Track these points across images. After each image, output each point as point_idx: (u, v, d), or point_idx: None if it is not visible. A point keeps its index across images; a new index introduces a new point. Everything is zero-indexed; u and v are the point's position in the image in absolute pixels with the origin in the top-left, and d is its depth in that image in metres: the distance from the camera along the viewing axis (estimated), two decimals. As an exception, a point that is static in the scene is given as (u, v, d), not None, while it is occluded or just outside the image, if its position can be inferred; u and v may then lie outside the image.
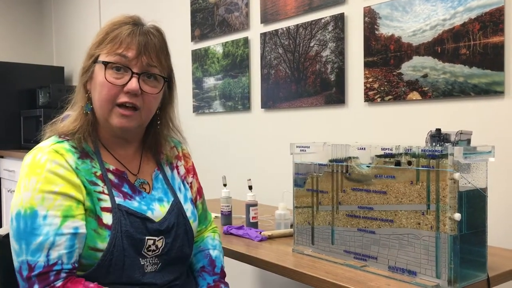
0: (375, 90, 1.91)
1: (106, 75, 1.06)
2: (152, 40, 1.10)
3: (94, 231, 1.02)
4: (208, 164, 2.76)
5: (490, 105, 1.60)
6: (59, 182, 1.00)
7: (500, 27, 1.55)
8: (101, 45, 1.08)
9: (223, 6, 2.63)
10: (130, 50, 1.07)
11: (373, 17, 1.90)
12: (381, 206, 1.19)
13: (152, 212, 1.11)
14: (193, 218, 1.20)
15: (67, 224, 0.98)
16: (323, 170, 1.34)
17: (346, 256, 1.28)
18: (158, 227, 1.10)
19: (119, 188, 1.09)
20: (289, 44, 2.25)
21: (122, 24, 1.09)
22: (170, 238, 1.12)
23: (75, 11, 4.30)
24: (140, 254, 1.06)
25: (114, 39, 1.07)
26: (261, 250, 1.45)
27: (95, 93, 1.09)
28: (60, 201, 0.99)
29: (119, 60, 1.07)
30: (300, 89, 2.22)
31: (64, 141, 1.07)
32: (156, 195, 1.15)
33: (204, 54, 2.78)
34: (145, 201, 1.12)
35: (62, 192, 1.00)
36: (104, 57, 1.07)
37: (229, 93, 2.62)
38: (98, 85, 1.08)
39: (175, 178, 1.23)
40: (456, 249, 1.07)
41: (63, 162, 1.02)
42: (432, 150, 1.09)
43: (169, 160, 1.25)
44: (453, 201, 1.07)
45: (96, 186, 1.05)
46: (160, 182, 1.19)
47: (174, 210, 1.15)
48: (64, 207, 0.99)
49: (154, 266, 1.09)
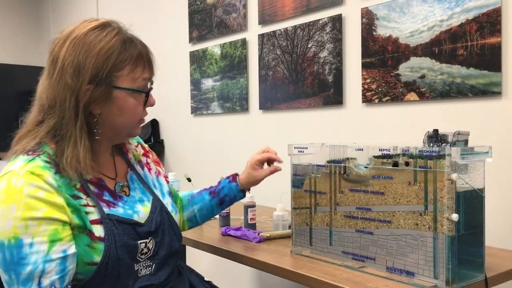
0: (373, 91, 1.91)
1: (137, 99, 1.08)
2: (149, 50, 1.12)
3: (88, 246, 0.99)
4: (206, 166, 2.76)
5: (487, 105, 1.60)
6: (40, 206, 0.94)
7: (497, 28, 1.55)
8: (116, 70, 1.03)
9: (221, 8, 2.63)
10: (149, 71, 1.10)
11: (371, 18, 1.90)
12: (379, 207, 1.19)
13: (137, 214, 1.10)
14: (174, 211, 1.21)
15: (55, 249, 0.94)
16: (321, 171, 1.34)
17: (344, 257, 1.28)
18: (148, 229, 1.09)
19: (100, 197, 1.06)
20: (287, 45, 2.26)
21: (124, 42, 1.05)
22: (159, 237, 1.11)
23: (73, 12, 4.30)
24: (135, 260, 1.05)
25: (133, 65, 1.05)
26: (259, 251, 1.45)
27: (117, 117, 1.06)
28: (45, 226, 0.94)
29: (145, 84, 1.09)
30: (298, 90, 2.22)
31: (35, 158, 0.99)
32: (136, 196, 1.14)
33: (202, 55, 2.78)
34: (128, 205, 1.10)
35: (46, 216, 0.94)
36: (130, 83, 1.05)
37: (227, 95, 2.62)
38: (126, 110, 1.06)
39: (147, 176, 1.22)
40: (454, 250, 1.07)
41: (42, 184, 0.95)
42: (429, 150, 1.09)
43: (137, 158, 1.24)
44: (450, 202, 1.07)
45: (80, 199, 1.01)
46: (135, 182, 1.17)
47: (157, 208, 1.15)
48: (50, 232, 0.94)
49: (148, 268, 1.08)
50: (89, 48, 1.01)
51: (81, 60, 1.01)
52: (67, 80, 1.00)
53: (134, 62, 1.05)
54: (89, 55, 1.01)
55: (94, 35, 1.03)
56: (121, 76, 1.04)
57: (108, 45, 1.03)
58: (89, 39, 1.02)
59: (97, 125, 1.05)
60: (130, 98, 1.06)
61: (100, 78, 1.01)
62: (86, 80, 1.00)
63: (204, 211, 1.43)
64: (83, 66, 1.00)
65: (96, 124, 1.05)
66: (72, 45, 1.02)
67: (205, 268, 2.75)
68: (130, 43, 1.06)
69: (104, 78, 1.01)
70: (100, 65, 1.01)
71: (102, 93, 1.02)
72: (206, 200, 1.42)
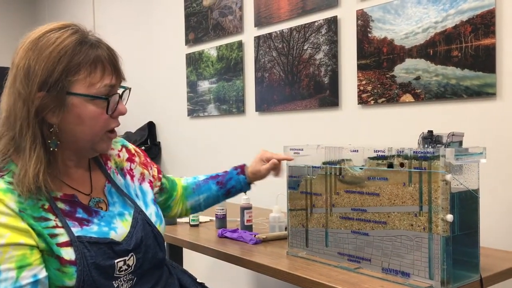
0: (368, 92, 1.91)
1: (100, 107, 0.98)
2: (115, 54, 1.02)
3: (58, 270, 0.93)
4: (203, 167, 2.76)
5: (482, 107, 1.61)
6: (4, 232, 0.88)
7: (491, 29, 1.56)
8: (70, 74, 0.94)
9: (217, 10, 2.64)
10: (112, 77, 1.00)
11: (366, 20, 1.91)
12: (374, 208, 1.20)
13: (115, 231, 1.03)
14: (159, 221, 1.14)
15: (24, 275, 0.89)
16: (316, 172, 1.34)
17: (340, 258, 1.28)
18: (126, 247, 1.02)
19: (72, 216, 0.99)
20: (283, 47, 2.26)
21: (80, 43, 0.96)
22: (141, 253, 1.05)
23: (69, 14, 4.29)
24: (112, 278, 0.99)
25: (90, 68, 0.96)
26: (255, 253, 1.45)
27: (76, 127, 0.97)
28: (11, 252, 0.88)
29: (107, 91, 0.99)
30: (294, 92, 2.23)
31: None
32: (115, 211, 1.07)
33: (199, 57, 2.78)
34: (105, 221, 1.03)
35: (10, 242, 0.89)
36: (86, 89, 0.96)
37: (224, 97, 2.63)
38: (85, 119, 0.97)
39: (129, 185, 1.15)
40: (449, 250, 1.07)
41: (3, 209, 0.90)
42: (424, 151, 1.10)
43: (119, 166, 1.16)
44: (445, 203, 1.07)
45: (47, 221, 0.94)
46: (114, 195, 1.09)
47: (139, 222, 1.08)
48: (17, 258, 0.89)
49: (129, 282, 1.03)
50: (40, 51, 0.93)
51: (31, 64, 0.93)
52: (18, 87, 0.94)
53: (91, 66, 0.96)
54: (39, 59, 0.93)
55: (47, 38, 0.95)
56: (76, 81, 0.95)
57: (59, 46, 0.94)
58: (42, 42, 0.94)
59: (54, 136, 0.96)
60: (90, 106, 0.97)
61: (52, 84, 0.93)
62: (36, 85, 0.92)
63: (210, 200, 1.44)
64: (33, 70, 0.93)
65: (53, 135, 0.96)
66: (26, 49, 0.95)
67: (201, 270, 2.75)
68: (88, 45, 0.97)
69: (55, 83, 0.93)
70: (51, 68, 0.93)
71: (54, 99, 0.94)
72: (213, 190, 1.43)
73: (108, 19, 3.65)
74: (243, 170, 1.44)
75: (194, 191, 1.43)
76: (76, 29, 0.99)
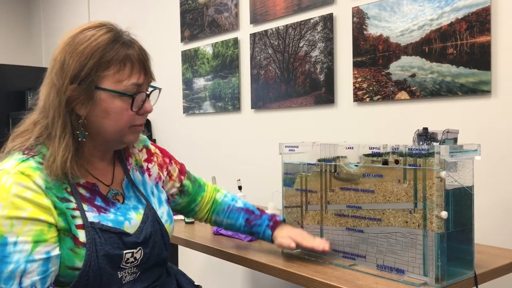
0: (364, 90, 1.91)
1: (126, 103, 1.03)
2: (146, 55, 1.08)
3: (71, 250, 0.98)
4: (198, 165, 2.75)
5: (477, 104, 1.62)
6: (26, 206, 0.94)
7: (487, 27, 1.56)
8: (100, 69, 1.00)
9: (213, 7, 2.63)
10: (140, 76, 1.05)
11: (362, 17, 1.90)
12: (369, 205, 1.20)
13: (129, 221, 1.08)
14: (169, 221, 1.19)
15: (39, 250, 0.94)
16: (311, 169, 1.34)
17: (335, 255, 1.28)
18: (135, 240, 1.07)
19: (91, 202, 1.05)
20: (279, 45, 2.26)
21: (112, 42, 1.02)
22: (148, 248, 1.10)
23: (64, 11, 4.27)
24: (118, 268, 1.04)
25: (120, 66, 1.01)
26: (250, 250, 1.45)
27: (102, 120, 1.03)
28: (30, 226, 0.94)
29: (134, 89, 1.04)
30: (289, 89, 2.22)
31: (29, 158, 1.00)
32: (131, 204, 1.12)
33: (194, 55, 2.77)
34: (121, 211, 1.09)
35: (31, 217, 0.94)
36: (114, 85, 1.01)
37: (219, 94, 2.62)
38: (111, 113, 1.03)
39: (146, 183, 1.20)
40: (443, 247, 1.07)
41: (30, 184, 0.96)
42: (419, 149, 1.10)
43: (138, 164, 1.21)
44: (439, 199, 1.07)
45: (69, 203, 1.01)
46: (130, 190, 1.15)
47: (149, 218, 1.12)
48: (34, 232, 0.94)
49: (133, 275, 1.07)
50: (75, 47, 1.00)
51: (66, 58, 1.00)
52: (53, 78, 1.01)
53: (121, 63, 1.02)
54: (73, 53, 1.00)
55: (84, 35, 1.02)
56: (105, 76, 1.01)
57: (93, 43, 1.00)
58: (78, 38, 1.02)
59: (82, 127, 1.02)
60: (116, 101, 1.03)
61: (83, 77, 0.99)
62: (68, 78, 0.99)
63: (232, 228, 1.42)
64: (67, 64, 1.00)
65: (81, 126, 1.02)
66: (64, 44, 1.03)
67: (196, 268, 2.75)
68: (120, 43, 1.03)
69: (86, 77, 0.99)
70: (83, 63, 0.99)
71: (83, 92, 1.00)
72: (238, 223, 1.39)
73: (103, 17, 3.63)
74: (275, 226, 1.35)
75: (223, 212, 1.40)
76: (111, 28, 1.05)
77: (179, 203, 1.35)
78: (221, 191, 1.45)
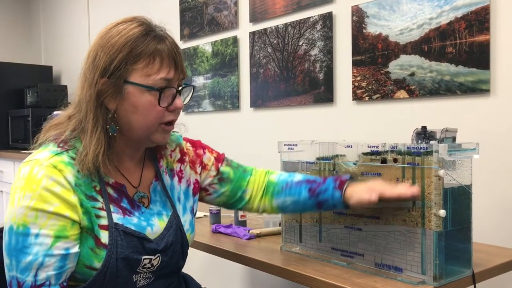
0: (363, 88, 1.92)
1: (153, 99, 1.01)
2: (178, 50, 1.05)
3: (91, 250, 0.98)
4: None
5: (475, 103, 1.62)
6: (54, 201, 0.94)
7: (486, 26, 1.56)
8: (129, 63, 0.99)
9: (212, 5, 2.63)
10: (170, 71, 1.02)
11: (361, 16, 1.91)
12: (367, 203, 1.20)
13: (151, 228, 1.07)
14: (190, 229, 1.18)
15: (58, 245, 0.94)
16: (310, 168, 1.34)
17: (333, 253, 1.28)
18: (155, 247, 1.06)
19: (118, 203, 1.04)
20: (278, 43, 2.26)
21: (144, 35, 1.00)
22: (167, 257, 1.09)
23: (63, 10, 4.27)
24: (134, 272, 1.03)
25: (149, 60, 0.99)
26: (249, 248, 1.45)
27: (131, 115, 1.01)
28: (54, 220, 0.94)
29: (163, 84, 1.01)
30: (289, 88, 2.22)
31: (63, 152, 0.99)
32: (155, 209, 1.11)
33: (193, 53, 2.77)
34: (145, 216, 1.07)
35: (57, 212, 0.94)
36: (142, 79, 0.99)
37: (219, 92, 2.62)
38: (140, 108, 1.01)
39: (174, 188, 1.17)
40: (441, 246, 1.08)
41: (60, 179, 0.95)
42: (417, 147, 1.10)
43: (169, 166, 1.18)
44: (438, 198, 1.07)
45: (96, 202, 1.00)
46: (158, 194, 1.13)
47: (173, 227, 1.11)
48: (57, 227, 0.94)
49: (147, 280, 1.07)
50: (107, 40, 1.00)
51: (98, 51, 1.00)
52: (86, 72, 1.01)
53: (150, 57, 0.99)
54: (105, 47, 0.99)
55: (116, 29, 1.01)
56: (134, 70, 0.99)
57: (124, 37, 0.99)
58: (111, 32, 1.01)
59: (112, 121, 1.01)
60: (145, 96, 1.01)
61: (112, 70, 0.98)
62: (99, 71, 0.99)
63: (299, 206, 1.24)
64: (99, 57, 0.99)
65: (111, 120, 1.01)
66: (98, 38, 1.03)
67: (195, 266, 2.75)
68: (151, 37, 1.00)
69: (115, 70, 0.98)
70: (113, 56, 0.98)
71: (113, 85, 0.99)
72: (302, 197, 1.22)
73: (103, 16, 3.63)
74: (342, 185, 1.16)
75: (282, 191, 1.26)
76: (143, 22, 1.03)
77: (222, 193, 1.27)
78: (275, 172, 1.33)
